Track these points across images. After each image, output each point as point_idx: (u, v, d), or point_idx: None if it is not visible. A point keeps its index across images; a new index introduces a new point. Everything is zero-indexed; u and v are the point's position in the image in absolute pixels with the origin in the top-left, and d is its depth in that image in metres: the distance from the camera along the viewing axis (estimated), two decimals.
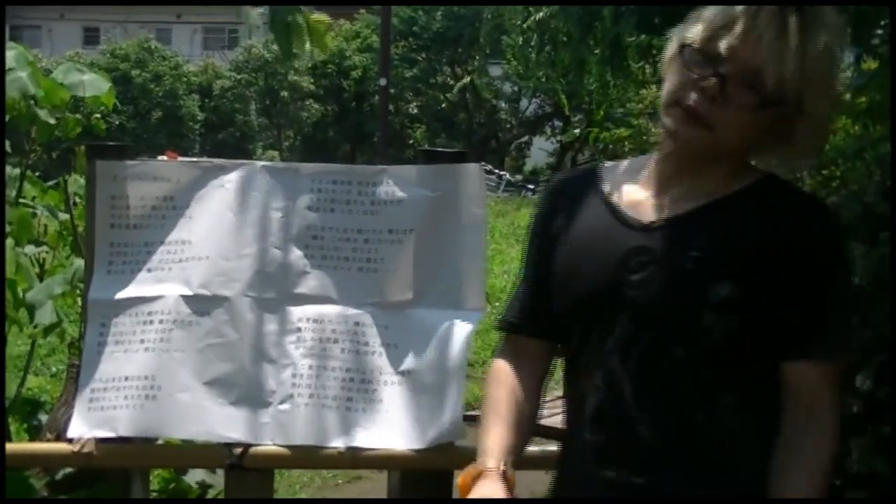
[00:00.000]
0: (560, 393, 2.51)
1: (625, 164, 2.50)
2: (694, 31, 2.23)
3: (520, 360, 2.53)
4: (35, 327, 4.70)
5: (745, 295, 2.17)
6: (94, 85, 4.70)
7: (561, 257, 2.40)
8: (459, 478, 2.36)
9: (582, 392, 2.34)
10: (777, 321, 2.21)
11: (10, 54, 4.56)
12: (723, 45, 2.16)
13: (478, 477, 2.31)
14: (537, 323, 2.51)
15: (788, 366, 2.25)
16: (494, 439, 2.39)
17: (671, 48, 2.31)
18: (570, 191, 2.47)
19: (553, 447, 2.83)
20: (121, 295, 3.54)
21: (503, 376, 2.52)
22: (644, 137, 8.58)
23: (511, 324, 2.57)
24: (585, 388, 2.33)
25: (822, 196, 5.28)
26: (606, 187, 2.41)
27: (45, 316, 4.46)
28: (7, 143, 4.76)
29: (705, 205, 2.27)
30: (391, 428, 3.35)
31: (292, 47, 4.61)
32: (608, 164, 2.51)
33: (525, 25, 8.66)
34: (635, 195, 2.35)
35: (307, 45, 4.91)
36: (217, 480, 4.05)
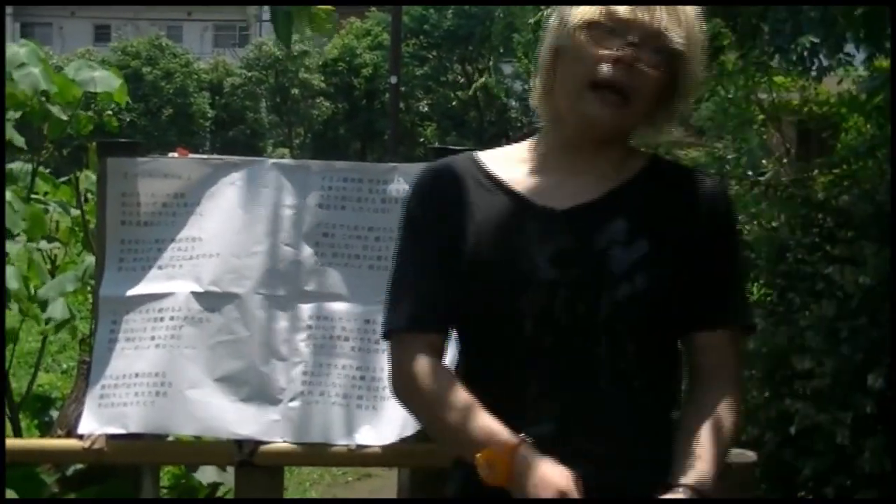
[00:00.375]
0: None
1: (502, 152, 2.44)
2: (584, 10, 2.23)
3: (434, 358, 2.32)
4: (47, 323, 4.71)
5: (665, 274, 2.20)
6: (106, 81, 4.71)
7: (466, 248, 2.27)
8: (481, 458, 2.13)
9: (504, 385, 2.23)
10: (692, 294, 2.23)
11: (22, 51, 4.57)
12: (624, 13, 2.18)
13: (510, 453, 2.11)
14: (441, 317, 2.32)
15: (698, 336, 2.28)
16: (489, 420, 2.18)
17: (554, 36, 2.29)
18: (454, 181, 2.35)
19: None
20: (132, 292, 3.54)
21: (441, 373, 2.29)
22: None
23: (418, 320, 2.32)
24: (505, 380, 2.24)
25: (833, 195, 5.28)
26: (498, 174, 2.34)
27: (57, 312, 4.47)
28: (20, 140, 4.78)
29: (614, 189, 2.27)
30: (401, 425, 3.35)
31: (291, 32, 4.60)
32: (484, 152, 2.43)
33: (534, 22, 8.68)
34: (536, 183, 2.31)
35: (307, 31, 4.90)
36: (227, 478, 4.06)
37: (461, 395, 2.22)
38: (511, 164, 2.36)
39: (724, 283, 2.30)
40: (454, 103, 43.69)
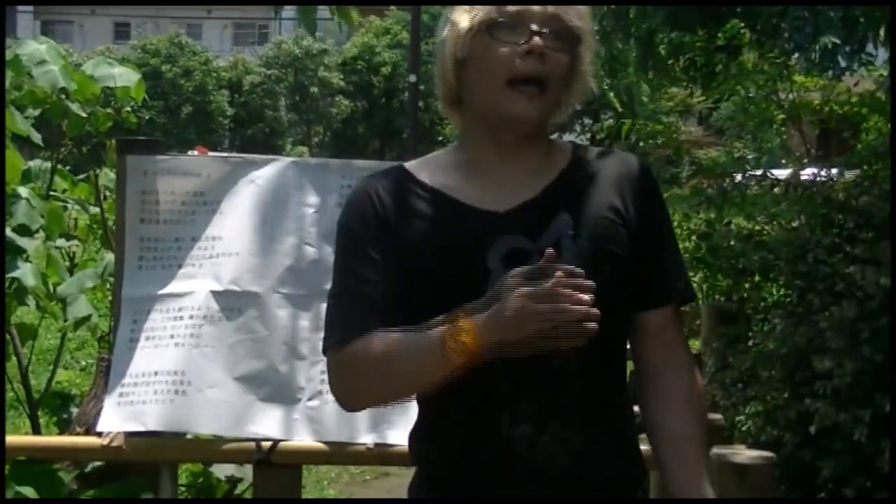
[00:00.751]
0: None
1: (429, 160, 2.40)
2: (478, 14, 2.22)
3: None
4: (66, 320, 4.72)
5: (615, 260, 2.20)
6: (124, 77, 4.71)
7: (414, 261, 2.22)
8: (449, 340, 2.05)
9: (474, 391, 2.17)
10: (636, 275, 2.23)
11: (42, 48, 4.57)
12: (517, 7, 2.19)
13: (456, 322, 2.06)
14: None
15: (643, 316, 2.30)
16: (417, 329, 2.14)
17: (452, 45, 2.27)
18: (390, 194, 2.30)
19: None
20: (151, 291, 3.54)
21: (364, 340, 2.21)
22: (674, 135, 8.54)
23: (344, 339, 2.26)
24: (475, 385, 2.15)
25: (853, 195, 5.26)
26: (433, 184, 2.29)
27: (78, 309, 4.47)
28: (38, 137, 4.78)
29: (550, 184, 2.26)
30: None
31: (316, 21, 4.61)
32: (412, 163, 2.39)
33: None
34: (472, 188, 2.27)
35: (335, 18, 4.92)
36: (246, 473, 4.05)
37: (385, 336, 2.17)
38: (441, 171, 2.33)
39: (663, 259, 2.32)
40: None
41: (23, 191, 4.43)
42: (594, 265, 2.11)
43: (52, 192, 4.98)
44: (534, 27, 2.17)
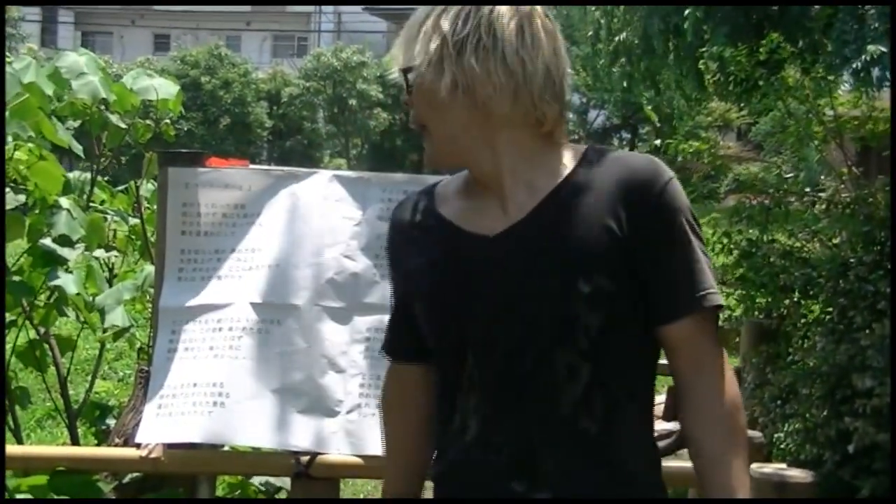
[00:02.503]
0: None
1: (456, 179, 2.39)
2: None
3: (404, 390, 2.48)
4: (105, 331, 4.74)
5: (608, 279, 2.12)
6: (163, 89, 4.74)
7: (412, 285, 2.32)
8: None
9: (462, 412, 2.24)
10: (642, 292, 2.17)
11: (82, 59, 4.60)
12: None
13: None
14: (411, 349, 2.42)
15: (663, 330, 2.20)
16: (387, 486, 2.52)
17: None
18: (410, 216, 2.38)
19: None
20: (191, 302, 3.55)
21: (391, 412, 2.53)
22: (713, 150, 8.50)
23: (390, 349, 2.51)
24: (464, 408, 2.23)
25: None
26: (441, 207, 2.33)
27: (116, 320, 4.49)
28: (79, 148, 4.81)
29: (541, 203, 2.19)
30: None
31: None
32: (443, 181, 2.41)
33: (593, 34, 8.64)
34: (470, 209, 2.27)
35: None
36: (285, 482, 4.05)
37: (386, 444, 2.53)
38: (455, 192, 2.34)
39: (673, 270, 2.19)
40: None
41: (64, 202, 4.45)
42: (579, 290, 2.10)
43: (91, 203, 5.01)
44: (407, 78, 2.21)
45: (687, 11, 5.77)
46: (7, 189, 4.42)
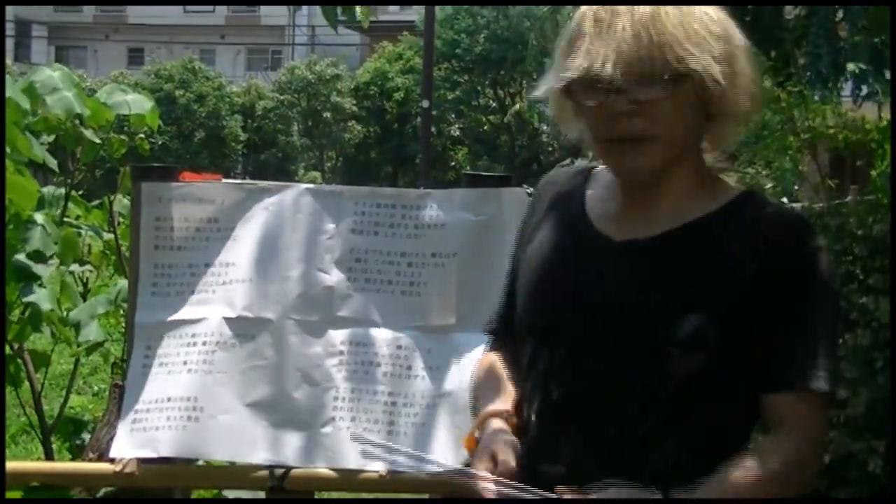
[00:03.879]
0: None
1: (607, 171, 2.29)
2: (556, 72, 2.14)
3: (493, 353, 2.44)
4: (79, 346, 4.72)
5: (712, 330, 2.06)
6: (138, 104, 4.73)
7: (528, 263, 2.29)
8: (464, 442, 2.26)
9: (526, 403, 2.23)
10: (747, 355, 2.09)
11: (56, 74, 4.59)
12: (595, 70, 2.03)
13: (479, 422, 2.23)
14: (509, 330, 2.38)
15: (765, 398, 2.11)
16: (493, 394, 2.31)
17: (553, 93, 2.18)
18: (550, 194, 2.35)
19: None
20: (165, 317, 3.55)
21: (491, 363, 2.40)
22: None
23: (492, 329, 2.50)
24: (527, 401, 2.22)
25: (867, 223, 5.24)
26: (588, 192, 2.28)
27: (90, 335, 4.48)
28: (53, 162, 4.80)
29: (674, 229, 2.14)
30: (433, 451, 3.33)
31: (337, 18, 4.70)
32: (601, 167, 2.32)
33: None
34: (607, 208, 2.23)
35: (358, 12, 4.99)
36: (259, 496, 4.05)
37: (486, 382, 2.35)
38: (605, 181, 2.28)
39: (795, 343, 2.09)
40: (486, 127, 43.69)
41: (38, 217, 4.44)
42: (688, 331, 2.04)
43: (66, 219, 4.99)
44: (613, 83, 2.03)
45: None
46: None
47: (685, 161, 2.17)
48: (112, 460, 3.45)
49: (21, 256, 4.39)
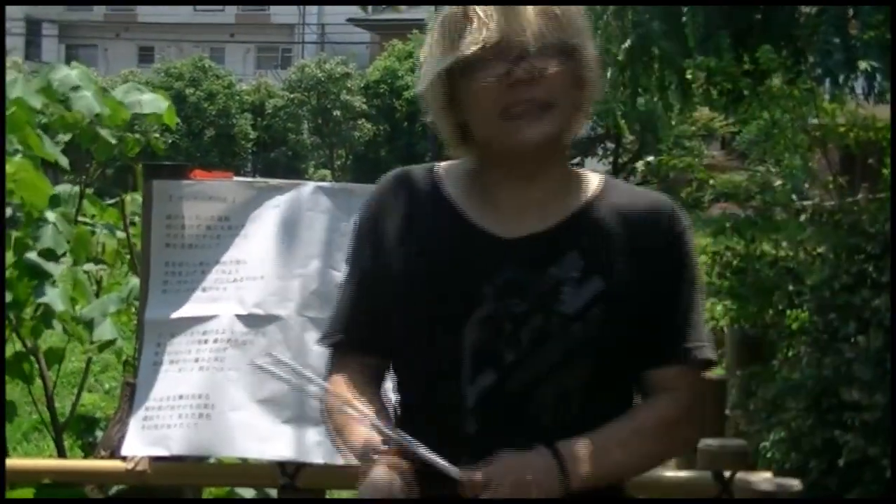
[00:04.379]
0: None
1: (460, 166, 2.28)
2: (447, 51, 2.11)
3: (368, 382, 2.28)
4: (91, 344, 4.73)
5: (620, 316, 2.11)
6: (154, 104, 4.74)
7: (402, 264, 2.20)
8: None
9: (442, 421, 2.15)
10: (645, 332, 2.14)
11: (74, 73, 4.60)
12: (496, 39, 2.06)
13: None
14: (370, 336, 2.26)
15: (649, 374, 2.19)
16: (361, 434, 2.14)
17: (434, 80, 2.16)
18: (407, 192, 2.27)
19: None
20: (176, 314, 3.55)
21: (344, 386, 2.25)
22: (697, 159, 8.51)
23: (337, 342, 2.32)
24: (442, 415, 2.16)
25: (879, 221, 5.22)
26: (449, 192, 2.24)
27: (102, 333, 4.49)
28: (65, 161, 4.80)
29: (565, 220, 2.17)
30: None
31: None
32: (444, 166, 2.31)
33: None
34: (485, 204, 2.20)
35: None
36: (271, 493, 4.05)
37: (343, 409, 2.18)
38: (463, 183, 2.25)
39: (679, 318, 2.19)
40: None
41: (50, 215, 4.45)
42: (592, 319, 2.08)
43: (80, 217, 5.00)
44: (515, 55, 2.06)
45: (684, 18, 5.76)
46: None
47: (559, 152, 2.20)
48: (124, 458, 3.46)
49: (33, 254, 4.40)
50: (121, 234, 5.02)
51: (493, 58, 2.07)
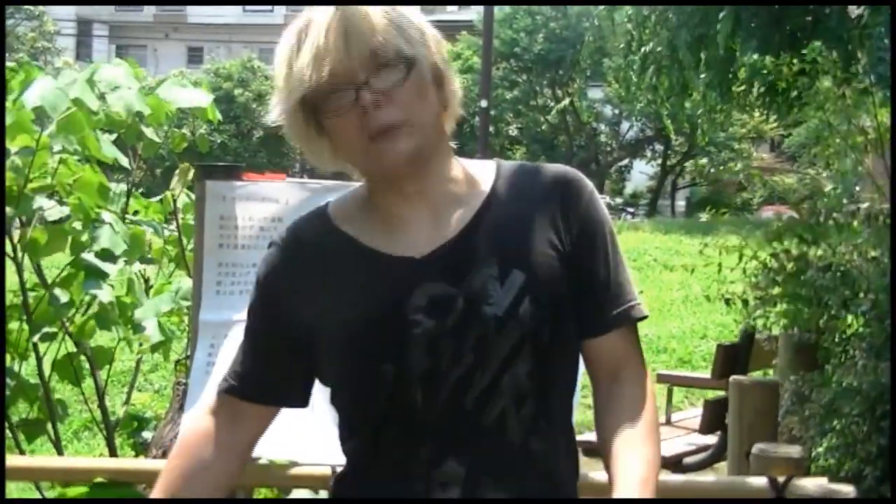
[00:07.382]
0: None
1: (351, 199, 2.29)
2: (299, 92, 2.10)
3: (234, 421, 2.31)
4: (141, 344, 4.74)
5: (547, 299, 2.08)
6: (196, 98, 4.73)
7: (321, 316, 2.15)
8: None
9: (395, 448, 2.12)
10: (577, 304, 2.14)
11: (119, 71, 4.60)
12: (330, 71, 2.03)
13: None
14: (266, 388, 2.30)
15: (590, 343, 2.19)
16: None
17: (289, 115, 2.19)
18: (309, 241, 2.24)
19: None
20: (229, 315, 3.55)
21: (201, 429, 2.31)
22: (747, 162, 8.45)
23: (230, 388, 2.31)
24: (396, 444, 2.12)
25: None
26: (346, 229, 2.20)
27: (153, 333, 4.50)
28: (125, 160, 4.82)
29: (471, 220, 2.14)
30: None
31: None
32: (335, 203, 2.30)
33: (625, 45, 8.61)
34: (384, 233, 2.16)
35: None
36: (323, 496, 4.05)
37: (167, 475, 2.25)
38: (359, 214, 2.23)
39: (604, 282, 2.17)
40: (544, 127, 43.65)
41: (107, 216, 4.47)
42: (527, 306, 2.05)
43: (126, 215, 5.01)
44: (360, 80, 2.04)
45: (719, 25, 5.74)
46: (51, 202, 4.45)
47: (439, 155, 2.18)
48: None
49: (90, 255, 4.41)
50: (166, 232, 5.02)
51: (337, 88, 2.05)
